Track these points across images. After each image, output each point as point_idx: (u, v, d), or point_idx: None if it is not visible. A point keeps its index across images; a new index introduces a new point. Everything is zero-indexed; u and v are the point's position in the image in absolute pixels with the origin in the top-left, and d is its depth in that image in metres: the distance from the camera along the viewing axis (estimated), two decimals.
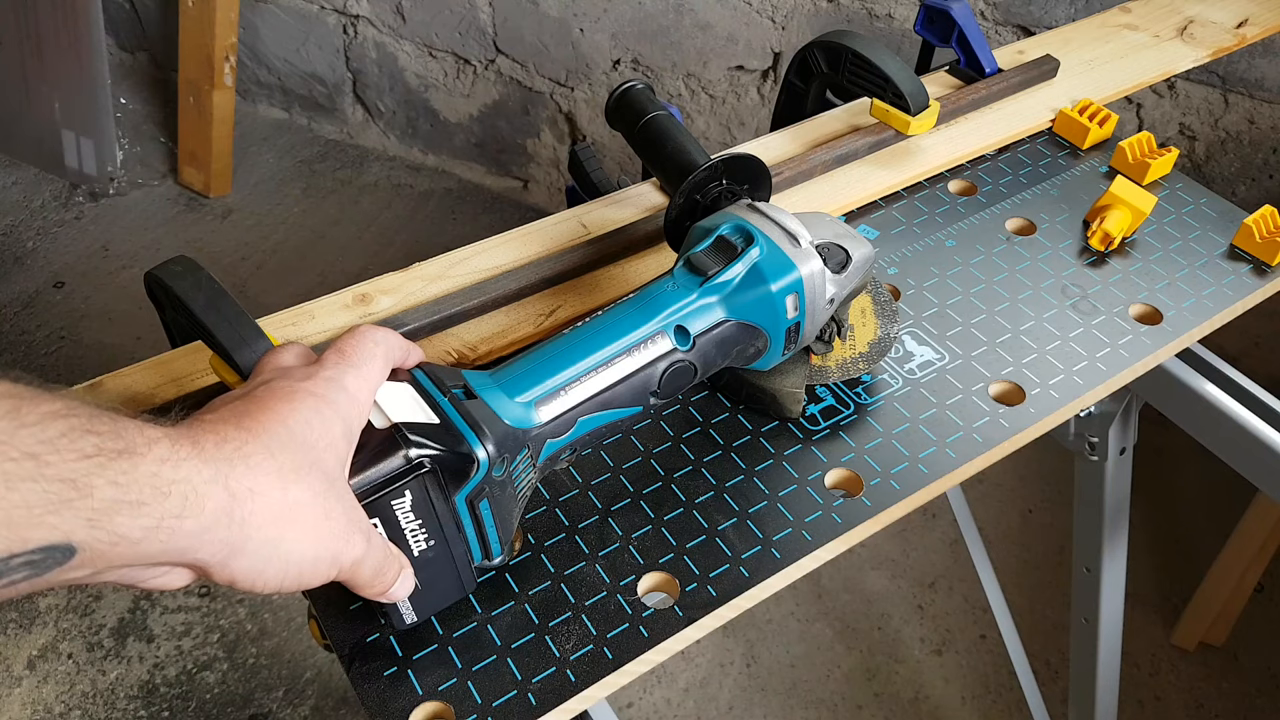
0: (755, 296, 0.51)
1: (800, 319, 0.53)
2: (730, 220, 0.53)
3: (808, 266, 0.52)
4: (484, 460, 0.43)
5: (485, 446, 0.43)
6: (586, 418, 0.48)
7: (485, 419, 0.44)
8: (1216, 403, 0.73)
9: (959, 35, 0.82)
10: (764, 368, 0.56)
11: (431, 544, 0.45)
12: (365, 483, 0.41)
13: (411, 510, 0.43)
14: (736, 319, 0.51)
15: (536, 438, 0.47)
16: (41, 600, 1.48)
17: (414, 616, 0.47)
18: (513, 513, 0.48)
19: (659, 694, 1.39)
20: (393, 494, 0.42)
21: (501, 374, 0.48)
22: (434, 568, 0.45)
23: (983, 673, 1.41)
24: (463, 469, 0.43)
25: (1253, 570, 1.33)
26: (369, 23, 1.99)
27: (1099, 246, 0.71)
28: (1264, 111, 1.38)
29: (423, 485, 0.42)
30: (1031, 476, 1.62)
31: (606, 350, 0.49)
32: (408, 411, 0.43)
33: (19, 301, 1.89)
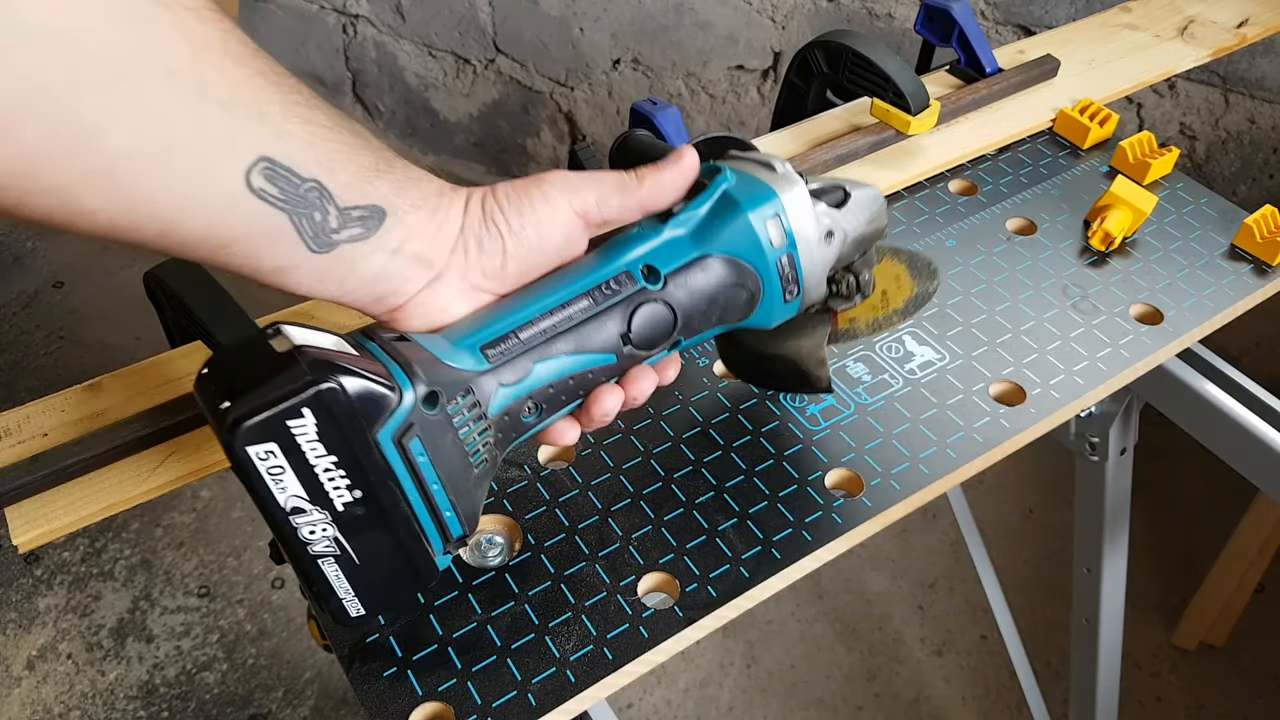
0: (729, 225, 0.46)
1: (791, 250, 0.47)
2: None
3: (788, 189, 0.47)
4: (407, 388, 0.39)
5: (411, 378, 0.39)
6: (544, 361, 0.43)
7: (415, 355, 0.40)
8: (1217, 403, 0.73)
9: (959, 35, 0.82)
10: (769, 322, 0.49)
11: (359, 497, 0.39)
12: (255, 399, 0.36)
13: (320, 441, 0.37)
14: (714, 254, 0.46)
15: (483, 381, 0.42)
16: (41, 600, 1.48)
17: (360, 609, 0.42)
18: (466, 473, 0.42)
19: (659, 694, 1.39)
20: (289, 412, 0.36)
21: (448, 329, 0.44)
22: (371, 535, 0.40)
23: (983, 673, 1.41)
24: (382, 397, 0.38)
25: (1254, 570, 1.33)
26: (368, 22, 1.99)
27: (1099, 246, 0.71)
28: (1265, 111, 1.38)
29: (328, 407, 0.37)
30: (1032, 477, 1.62)
31: (563, 291, 0.44)
32: (321, 340, 0.39)
33: (19, 301, 1.89)
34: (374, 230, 0.40)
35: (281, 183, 0.37)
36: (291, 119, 0.37)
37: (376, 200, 0.40)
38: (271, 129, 0.36)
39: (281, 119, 0.37)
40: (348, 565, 0.40)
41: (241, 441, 0.36)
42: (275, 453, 0.37)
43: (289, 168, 0.37)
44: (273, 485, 0.38)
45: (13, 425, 0.55)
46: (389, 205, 0.41)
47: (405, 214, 0.41)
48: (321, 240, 0.39)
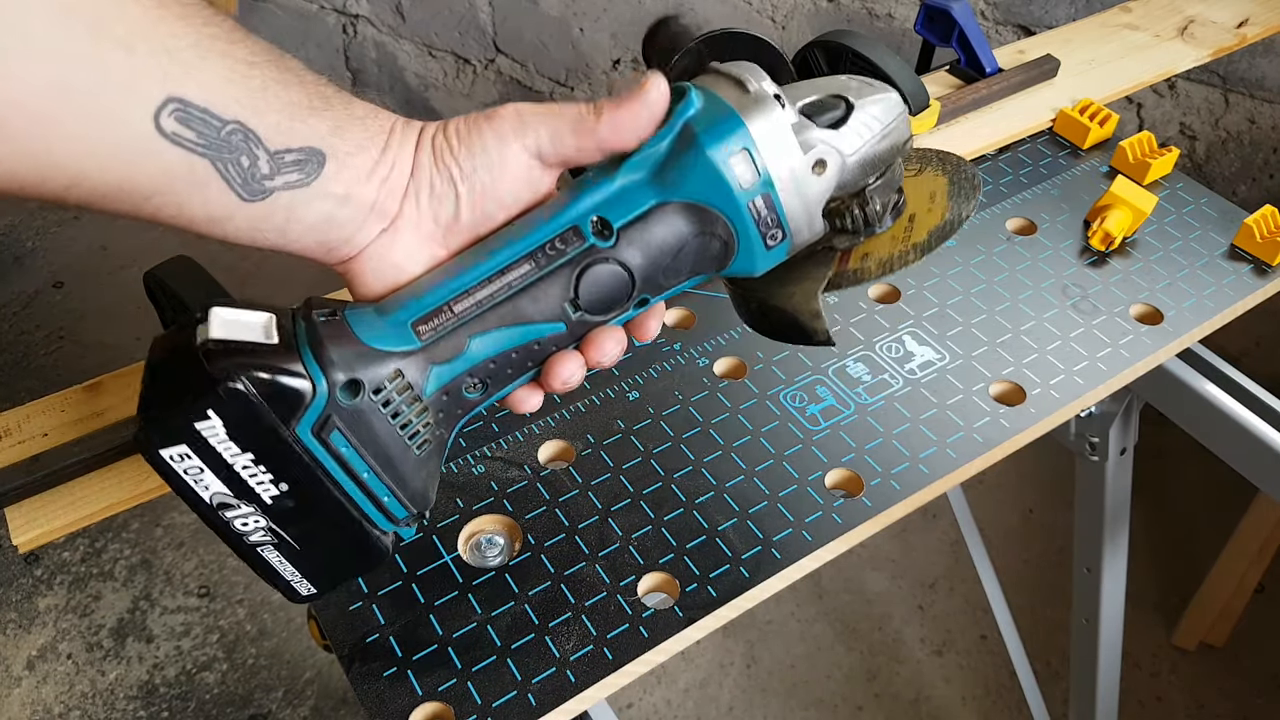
0: (689, 165, 0.39)
1: (766, 190, 0.40)
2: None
3: (760, 117, 0.39)
4: (320, 380, 0.37)
5: (325, 368, 0.37)
6: (481, 337, 0.40)
7: (336, 339, 0.38)
8: (1217, 403, 0.73)
9: (959, 35, 0.82)
10: (753, 269, 0.43)
11: (286, 490, 0.38)
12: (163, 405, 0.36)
13: (233, 441, 0.36)
14: (673, 199, 0.40)
15: (413, 363, 0.39)
16: (41, 600, 1.48)
17: (310, 588, 0.42)
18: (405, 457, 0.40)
19: (659, 694, 1.39)
20: (193, 414, 0.36)
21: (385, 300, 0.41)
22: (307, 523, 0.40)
23: (983, 673, 1.41)
24: (291, 391, 0.37)
25: (1254, 570, 1.33)
26: (368, 22, 1.99)
27: (1099, 246, 0.71)
28: (1265, 111, 1.38)
29: (235, 407, 0.36)
30: (1032, 477, 1.62)
31: (501, 256, 0.40)
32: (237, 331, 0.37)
33: (19, 301, 1.89)
34: (313, 175, 0.37)
35: (198, 125, 0.34)
36: (208, 55, 0.34)
37: (312, 142, 0.37)
38: (182, 67, 0.33)
39: (195, 55, 0.33)
40: (289, 551, 0.40)
41: (151, 446, 0.36)
42: (188, 454, 0.37)
43: (205, 109, 0.34)
44: (194, 484, 0.37)
45: (13, 425, 0.55)
46: (328, 147, 0.38)
47: (348, 156, 0.38)
48: (253, 188, 0.36)
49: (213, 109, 0.34)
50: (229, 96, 0.35)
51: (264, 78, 0.36)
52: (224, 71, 0.34)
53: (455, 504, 0.55)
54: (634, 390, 0.61)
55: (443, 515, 0.54)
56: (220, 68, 0.34)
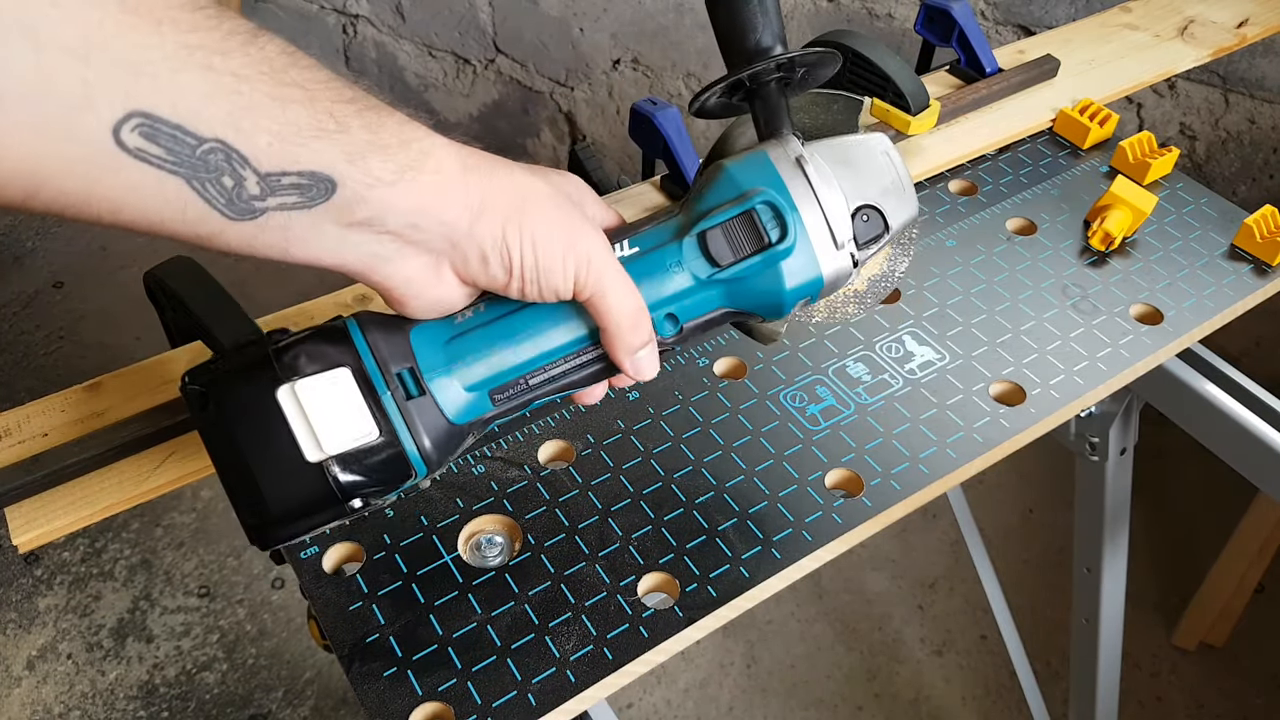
0: (765, 292, 0.44)
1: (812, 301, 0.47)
2: (767, 187, 0.43)
3: (834, 270, 0.44)
4: (421, 470, 0.41)
5: (425, 460, 0.41)
6: (540, 400, 0.44)
7: (431, 424, 0.41)
8: (1217, 403, 0.73)
9: (959, 35, 0.82)
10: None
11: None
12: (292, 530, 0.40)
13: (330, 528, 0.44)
14: (734, 308, 0.45)
15: (484, 422, 0.43)
16: (41, 600, 1.48)
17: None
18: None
19: (659, 694, 1.39)
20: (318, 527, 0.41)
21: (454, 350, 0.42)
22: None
23: (983, 673, 1.41)
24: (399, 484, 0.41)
25: (1254, 570, 1.33)
26: (369, 22, 1.99)
27: (1099, 246, 0.71)
28: (1265, 111, 1.38)
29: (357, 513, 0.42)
30: (1032, 477, 1.62)
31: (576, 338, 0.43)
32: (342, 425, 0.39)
33: (19, 301, 1.89)
34: (317, 200, 0.34)
35: (168, 142, 0.31)
36: (186, 67, 0.31)
37: (316, 166, 0.34)
38: (150, 80, 0.30)
39: (168, 67, 0.30)
40: None
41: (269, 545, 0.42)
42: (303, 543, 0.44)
43: (179, 125, 0.31)
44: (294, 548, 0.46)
45: (13, 425, 0.55)
46: (338, 175, 0.34)
47: (365, 189, 0.35)
48: (239, 207, 0.33)
49: (187, 125, 0.31)
50: (208, 114, 0.31)
51: (256, 93, 0.32)
52: (204, 86, 0.31)
53: (455, 504, 0.55)
54: (634, 390, 0.61)
55: (443, 515, 0.54)
56: (200, 82, 0.31)
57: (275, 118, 0.33)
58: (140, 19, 0.30)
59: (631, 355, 0.43)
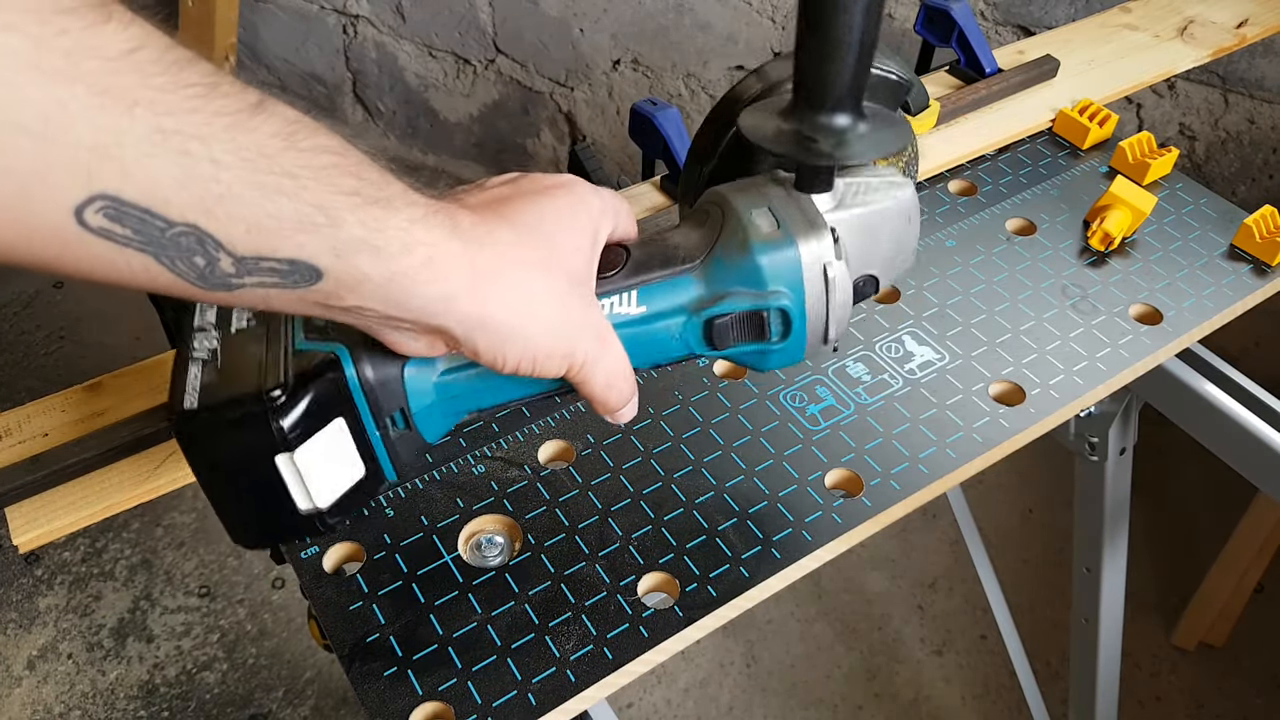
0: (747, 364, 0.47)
1: None
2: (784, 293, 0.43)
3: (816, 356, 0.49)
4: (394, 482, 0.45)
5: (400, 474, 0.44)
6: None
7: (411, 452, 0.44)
8: (1217, 403, 0.73)
9: (959, 35, 0.82)
10: None
11: None
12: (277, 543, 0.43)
13: None
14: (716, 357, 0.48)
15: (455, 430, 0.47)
16: (41, 600, 1.48)
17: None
18: None
19: (659, 694, 1.39)
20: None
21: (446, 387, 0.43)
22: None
23: (983, 673, 1.41)
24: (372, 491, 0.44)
25: (1253, 570, 1.33)
26: (369, 22, 1.99)
27: (1099, 246, 0.71)
28: (1264, 111, 1.38)
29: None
30: (1032, 476, 1.62)
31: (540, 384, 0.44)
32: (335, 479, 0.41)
33: (19, 301, 1.89)
34: (300, 285, 0.33)
35: (135, 224, 0.29)
36: (159, 152, 0.29)
37: (300, 257, 0.32)
38: (117, 164, 0.28)
39: (139, 151, 0.28)
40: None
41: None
42: None
43: (148, 209, 0.29)
44: None
45: (13, 425, 0.55)
46: (323, 266, 0.33)
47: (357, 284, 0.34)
48: (213, 282, 0.32)
49: (156, 209, 0.29)
50: (178, 200, 0.30)
51: (237, 183, 0.30)
52: (177, 173, 0.29)
53: (455, 504, 0.55)
54: None
55: (443, 515, 0.54)
56: (173, 168, 0.29)
57: (255, 208, 0.31)
58: (112, 100, 0.28)
59: (612, 415, 0.45)
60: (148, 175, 0.29)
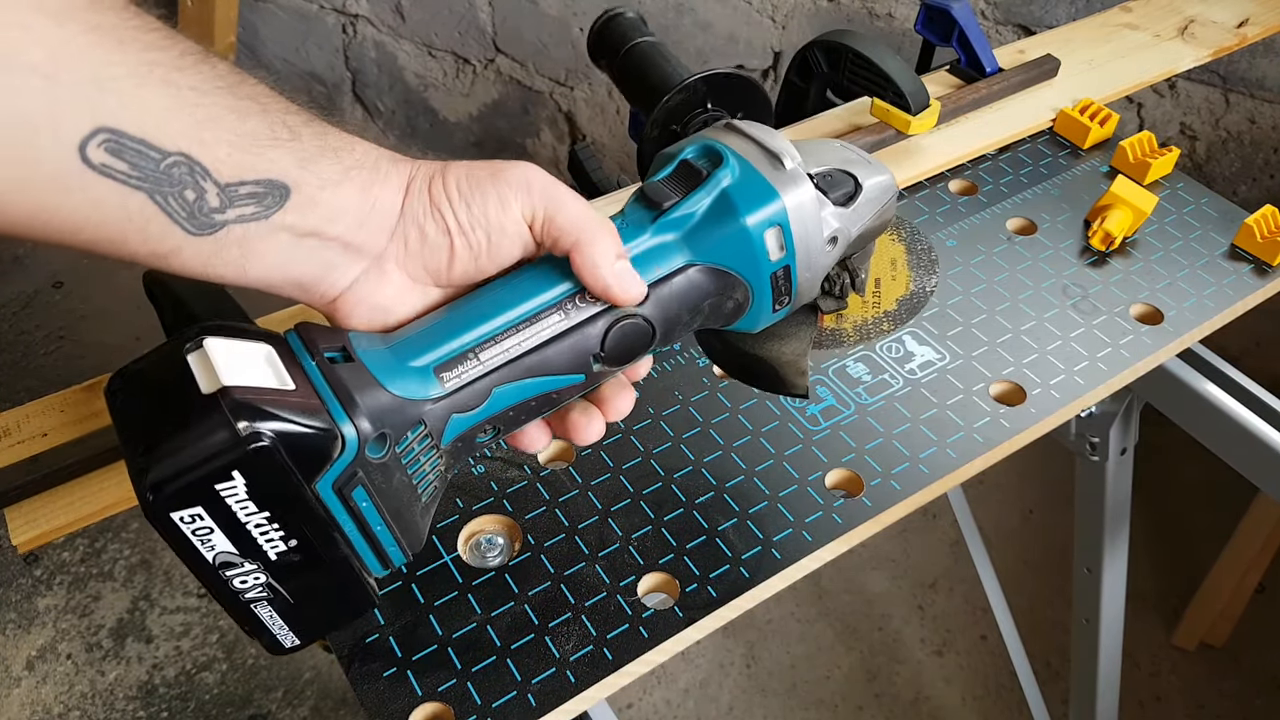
0: (725, 233, 0.41)
1: (789, 262, 0.42)
2: (698, 142, 0.43)
3: (794, 194, 0.41)
4: (351, 437, 0.35)
5: (354, 419, 0.35)
6: (505, 387, 0.39)
7: (360, 385, 0.36)
8: (1217, 403, 0.73)
9: (959, 34, 0.82)
10: (753, 328, 0.46)
11: (295, 545, 0.36)
12: (177, 464, 0.32)
13: (250, 499, 0.34)
14: (702, 262, 0.41)
15: (435, 412, 0.37)
16: (40, 600, 1.47)
17: (294, 639, 0.39)
18: (413, 505, 0.39)
19: (659, 695, 1.39)
20: (217, 475, 0.33)
21: (396, 335, 0.39)
22: (306, 578, 0.37)
23: (983, 673, 1.41)
24: (321, 447, 0.34)
25: (1254, 571, 1.33)
26: (368, 22, 1.99)
27: (1100, 246, 0.71)
28: (1265, 111, 1.38)
29: (261, 466, 0.33)
30: (1032, 477, 1.62)
31: (529, 304, 0.39)
32: (249, 373, 0.34)
33: (18, 301, 1.89)
34: (272, 209, 0.35)
35: (133, 157, 0.31)
36: (147, 83, 0.31)
37: (272, 175, 0.34)
38: (116, 96, 0.30)
39: (133, 84, 0.31)
40: (281, 605, 0.37)
41: (162, 507, 0.33)
42: (201, 515, 0.33)
43: (142, 139, 0.31)
44: (199, 545, 0.34)
45: (12, 425, 0.55)
46: (291, 180, 0.35)
47: (317, 190, 0.36)
48: (200, 221, 0.33)
49: (151, 140, 0.31)
50: (172, 128, 0.32)
51: (215, 106, 0.33)
52: (166, 101, 0.32)
53: (455, 504, 0.55)
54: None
55: (442, 515, 0.54)
56: (162, 97, 0.32)
57: (234, 129, 0.34)
58: (103, 37, 0.30)
59: (612, 265, 0.39)
60: (142, 104, 0.31)
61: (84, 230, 0.32)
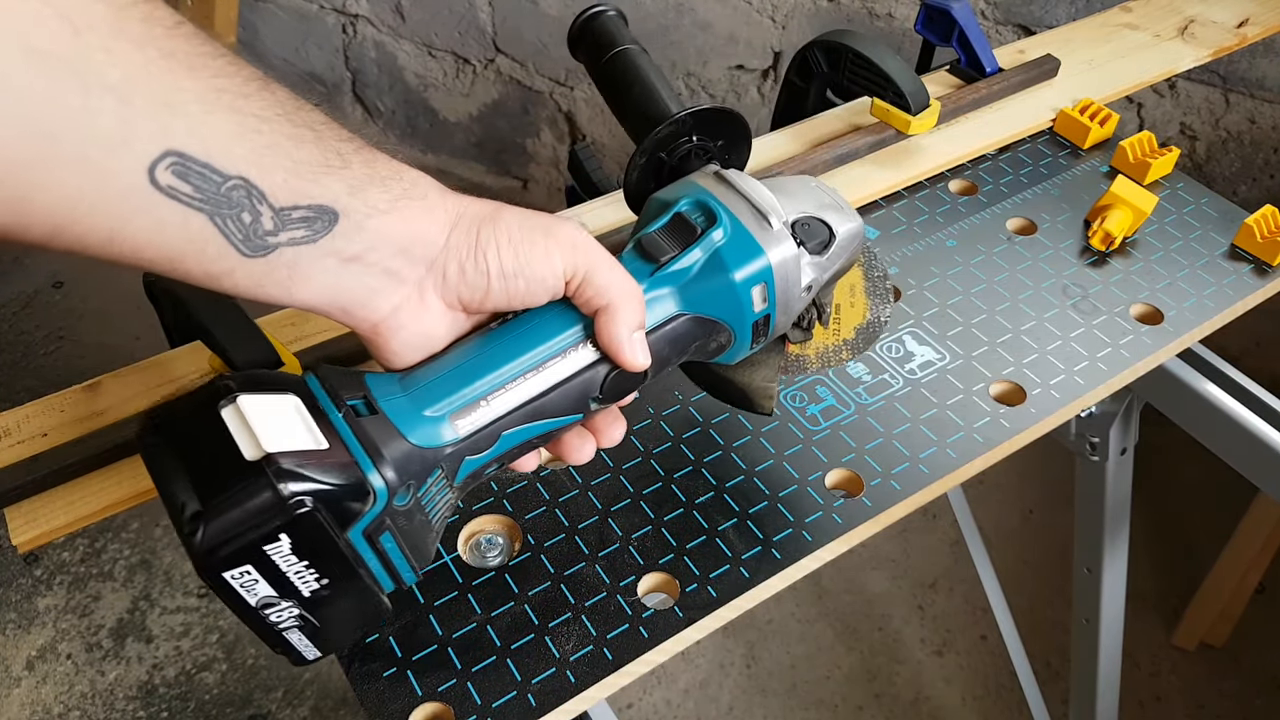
0: (715, 287, 0.45)
1: (770, 311, 0.47)
2: (691, 193, 0.46)
3: (779, 252, 0.45)
4: (381, 491, 0.38)
5: (383, 474, 0.38)
6: (512, 431, 0.42)
7: (385, 439, 0.39)
8: (1217, 403, 0.73)
9: (959, 34, 0.82)
10: (730, 361, 0.50)
11: (325, 583, 0.38)
12: (230, 529, 0.35)
13: (293, 554, 0.37)
14: (693, 313, 0.45)
15: (452, 456, 0.40)
16: (40, 601, 1.47)
17: (316, 653, 0.41)
18: (426, 539, 0.42)
19: (659, 695, 1.39)
20: (265, 539, 0.36)
21: (411, 380, 0.41)
22: (333, 605, 0.40)
23: (983, 673, 1.41)
24: (356, 502, 0.37)
25: (1254, 571, 1.33)
26: (368, 22, 1.99)
27: (1100, 246, 0.71)
28: (1265, 111, 1.38)
29: (304, 527, 0.36)
30: (1032, 477, 1.62)
31: (537, 352, 0.42)
32: (286, 435, 0.37)
33: (18, 301, 1.89)
34: (321, 233, 0.36)
35: (197, 180, 0.33)
36: (214, 108, 0.33)
37: (324, 200, 0.36)
38: (185, 120, 0.32)
39: (200, 108, 0.32)
40: (310, 630, 0.40)
41: (215, 569, 0.36)
42: (249, 571, 0.36)
43: (207, 163, 0.33)
44: (245, 594, 0.37)
45: (12, 425, 0.55)
46: (341, 207, 0.36)
47: (364, 219, 0.37)
48: (254, 243, 0.35)
49: (215, 164, 0.33)
50: (234, 153, 0.33)
51: (274, 133, 0.35)
52: (231, 127, 0.33)
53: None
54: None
55: None
56: (227, 123, 0.33)
57: (290, 155, 0.35)
58: (176, 63, 0.32)
59: (631, 335, 0.42)
60: (209, 129, 0.33)
61: (145, 250, 0.33)
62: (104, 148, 0.31)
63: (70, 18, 0.29)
